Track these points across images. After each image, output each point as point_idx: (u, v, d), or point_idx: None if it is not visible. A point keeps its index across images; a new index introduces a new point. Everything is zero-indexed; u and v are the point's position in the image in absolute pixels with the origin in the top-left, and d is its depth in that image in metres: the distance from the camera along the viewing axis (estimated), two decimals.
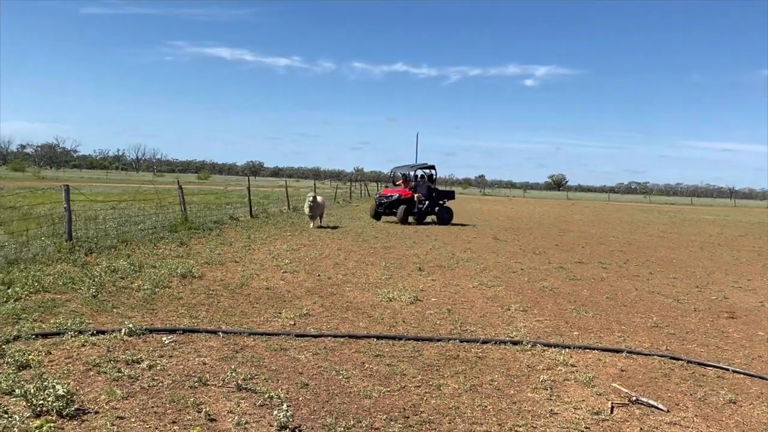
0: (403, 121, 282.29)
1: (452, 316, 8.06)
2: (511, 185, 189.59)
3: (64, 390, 4.34)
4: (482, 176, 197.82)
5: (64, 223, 11.57)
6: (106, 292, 8.11)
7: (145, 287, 8.52)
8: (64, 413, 4.22)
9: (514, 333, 7.28)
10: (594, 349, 6.73)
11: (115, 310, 7.37)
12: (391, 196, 23.57)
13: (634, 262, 14.72)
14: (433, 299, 9.08)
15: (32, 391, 4.32)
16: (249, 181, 23.04)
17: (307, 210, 19.57)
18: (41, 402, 4.25)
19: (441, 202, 24.52)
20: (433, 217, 24.32)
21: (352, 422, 4.45)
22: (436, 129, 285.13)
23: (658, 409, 5.00)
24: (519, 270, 12.43)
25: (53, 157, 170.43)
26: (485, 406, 4.92)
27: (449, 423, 4.55)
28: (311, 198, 19.48)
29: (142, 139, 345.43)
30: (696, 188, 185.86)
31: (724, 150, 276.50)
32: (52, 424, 3.95)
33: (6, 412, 4.16)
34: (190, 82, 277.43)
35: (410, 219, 23.31)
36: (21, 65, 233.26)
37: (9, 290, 7.70)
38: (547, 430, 4.50)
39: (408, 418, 4.59)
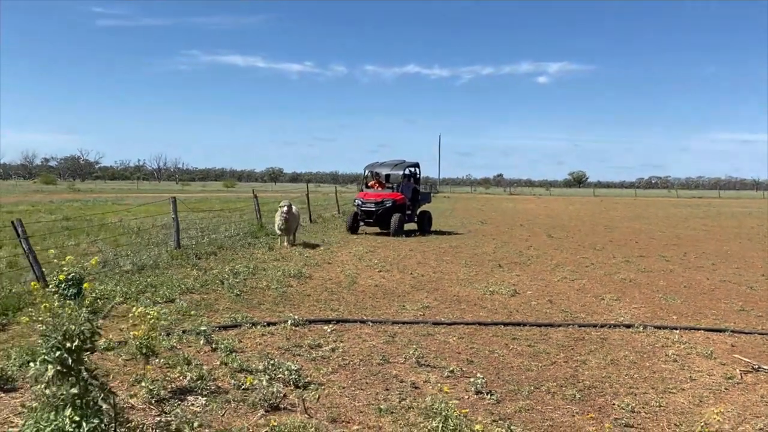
0: (420, 122, 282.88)
1: (555, 306, 8.91)
2: (530, 183, 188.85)
3: (296, 366, 5.28)
4: (500, 175, 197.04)
5: (173, 233, 12.61)
6: (244, 292, 9.06)
7: (273, 286, 9.48)
8: (299, 384, 5.15)
9: (621, 318, 8.13)
10: (700, 329, 7.55)
11: (261, 306, 8.33)
12: (382, 201, 18.46)
13: (692, 255, 15.44)
14: (528, 292, 9.92)
15: (270, 368, 5.26)
16: (308, 188, 24.00)
17: (279, 222, 14.78)
18: (280, 376, 5.18)
19: (422, 206, 20.81)
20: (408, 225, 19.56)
21: (531, 388, 5.34)
22: (452, 129, 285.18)
23: None
24: (590, 264, 13.23)
25: (77, 169, 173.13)
26: (632, 375, 5.78)
27: (610, 387, 5.42)
28: (286, 208, 14.68)
29: (160, 149, 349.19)
30: (718, 180, 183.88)
31: (743, 141, 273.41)
32: (317, 389, 4.89)
33: (253, 384, 5.09)
34: (205, 89, 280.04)
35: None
36: (37, 78, 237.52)
37: (160, 292, 8.67)
38: (695, 391, 5.35)
39: (574, 384, 5.47)
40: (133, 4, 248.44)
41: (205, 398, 4.84)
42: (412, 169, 20.50)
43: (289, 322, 7.17)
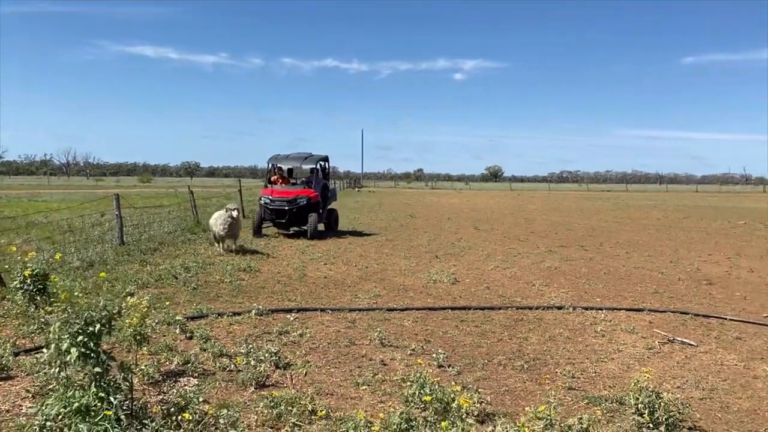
0: (339, 116, 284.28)
1: (492, 291, 9.74)
2: (449, 177, 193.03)
3: (275, 349, 5.78)
4: (421, 170, 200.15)
5: (117, 229, 12.66)
6: (200, 286, 9.39)
7: (226, 280, 9.86)
8: (279, 365, 5.66)
9: (552, 301, 9.02)
10: (621, 309, 8.54)
11: (220, 298, 8.70)
12: (296, 199, 16.56)
13: (608, 244, 16.77)
14: (467, 280, 10.72)
15: (252, 350, 5.74)
16: (240, 183, 24.12)
17: (222, 227, 12.88)
18: (261, 358, 5.67)
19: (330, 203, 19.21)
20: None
21: (484, 361, 6.07)
22: (372, 124, 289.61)
23: (691, 344, 6.81)
24: (517, 254, 14.22)
25: None
26: (568, 348, 6.61)
27: (551, 359, 6.22)
28: (235, 213, 12.96)
29: (69, 143, 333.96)
30: (625, 175, 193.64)
31: (648, 137, 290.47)
32: (304, 366, 5.40)
33: (236, 366, 5.55)
34: (115, 82, 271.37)
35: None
36: None
37: (117, 287, 8.88)
38: (623, 359, 6.23)
39: (520, 357, 6.24)
40: None
41: (196, 379, 5.28)
42: (322, 163, 18.87)
43: (253, 311, 7.62)
